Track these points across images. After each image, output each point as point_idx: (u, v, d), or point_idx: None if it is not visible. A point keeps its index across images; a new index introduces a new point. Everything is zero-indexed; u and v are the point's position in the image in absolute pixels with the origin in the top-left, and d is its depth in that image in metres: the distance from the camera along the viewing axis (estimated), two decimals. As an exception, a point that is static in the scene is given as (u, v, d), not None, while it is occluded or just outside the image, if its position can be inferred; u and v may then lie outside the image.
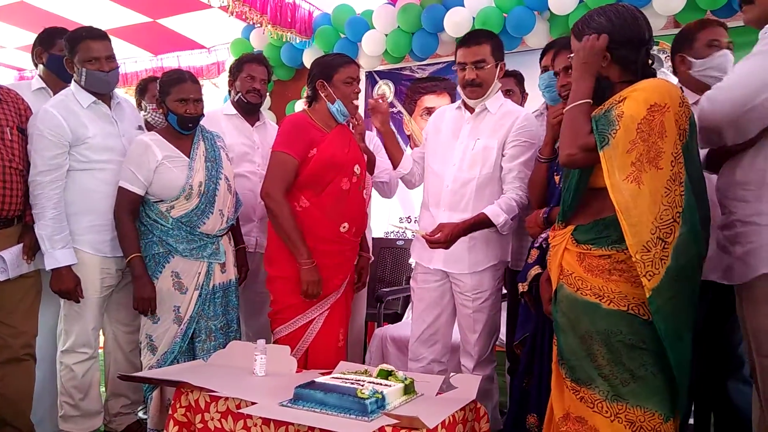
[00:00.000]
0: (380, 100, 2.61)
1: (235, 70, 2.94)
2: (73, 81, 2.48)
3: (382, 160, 2.80)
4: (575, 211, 1.73)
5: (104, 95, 2.50)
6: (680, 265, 1.54)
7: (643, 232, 1.52)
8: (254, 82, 2.88)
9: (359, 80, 2.50)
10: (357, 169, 2.46)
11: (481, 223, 2.29)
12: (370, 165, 2.80)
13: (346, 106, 2.44)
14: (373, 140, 3.03)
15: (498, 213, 2.29)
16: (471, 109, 2.45)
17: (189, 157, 2.46)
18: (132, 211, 2.42)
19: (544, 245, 2.04)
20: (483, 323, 2.41)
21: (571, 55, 1.73)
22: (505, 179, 2.37)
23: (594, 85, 1.67)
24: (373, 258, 2.80)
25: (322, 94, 2.44)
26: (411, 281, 2.57)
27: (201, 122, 2.52)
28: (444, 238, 2.24)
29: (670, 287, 1.53)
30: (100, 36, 2.44)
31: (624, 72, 1.67)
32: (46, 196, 2.32)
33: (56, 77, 2.62)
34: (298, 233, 2.33)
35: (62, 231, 2.35)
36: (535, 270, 2.04)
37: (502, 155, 2.36)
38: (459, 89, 2.49)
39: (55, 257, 2.33)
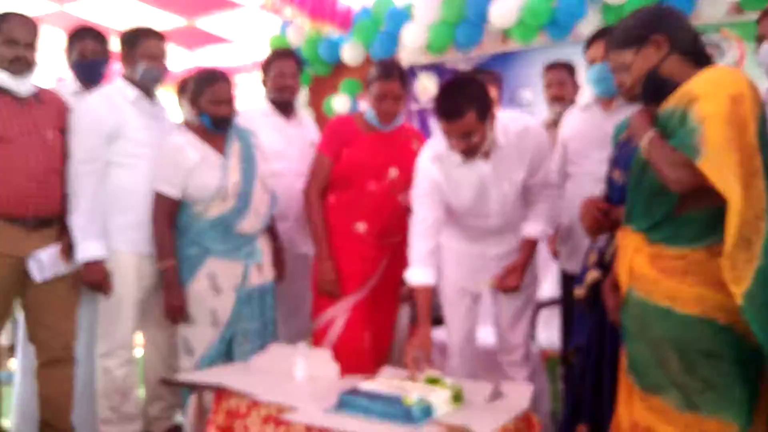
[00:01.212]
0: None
1: (266, 68, 2.93)
2: (119, 77, 2.51)
3: None
4: (645, 208, 1.63)
5: (149, 92, 2.52)
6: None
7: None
8: (285, 78, 2.85)
9: (396, 96, 2.43)
10: (393, 172, 2.46)
11: (534, 247, 2.30)
12: None
13: (377, 117, 2.47)
14: None
15: (545, 231, 2.32)
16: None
17: (224, 156, 2.43)
18: (169, 216, 2.40)
19: (604, 247, 1.94)
20: (530, 312, 2.42)
21: (623, 65, 1.65)
22: (532, 190, 2.30)
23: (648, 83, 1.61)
24: None
25: (366, 99, 2.54)
26: (443, 283, 2.44)
27: (237, 120, 2.51)
28: (519, 282, 2.24)
29: (762, 291, 1.41)
30: (160, 36, 2.54)
31: (686, 65, 1.59)
32: (82, 186, 2.32)
33: (87, 84, 2.65)
34: (321, 234, 2.47)
35: (96, 223, 2.34)
36: (594, 273, 1.93)
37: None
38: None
39: (86, 248, 2.32)
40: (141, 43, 2.45)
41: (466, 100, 2.02)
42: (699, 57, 1.61)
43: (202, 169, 2.37)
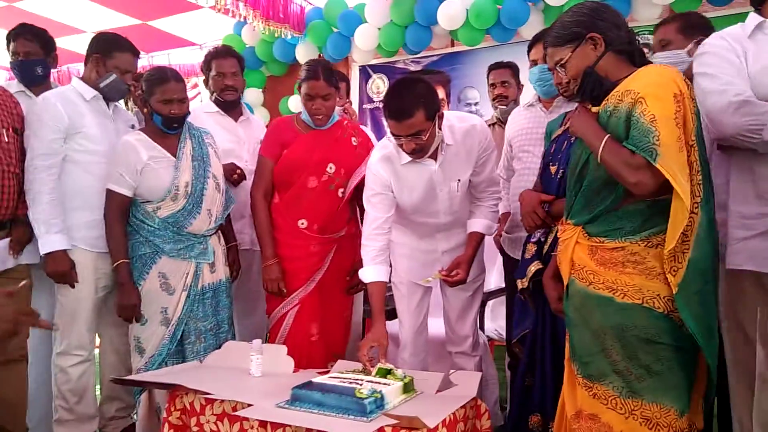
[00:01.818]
0: (351, 114, 2.73)
1: (206, 69, 2.89)
2: (75, 78, 2.50)
3: None
4: (585, 203, 1.67)
5: (108, 99, 2.52)
6: (701, 256, 1.50)
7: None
8: (225, 78, 2.81)
9: (323, 96, 2.46)
10: (331, 168, 2.51)
11: (480, 242, 2.37)
12: None
13: (310, 118, 2.52)
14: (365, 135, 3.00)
15: (490, 226, 2.38)
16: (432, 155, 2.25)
17: (175, 156, 2.43)
18: (122, 214, 2.40)
19: (542, 239, 2.01)
20: (477, 303, 2.49)
21: (559, 62, 1.68)
22: (478, 188, 2.37)
23: (586, 80, 1.64)
24: None
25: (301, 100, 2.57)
26: (395, 277, 2.50)
27: (189, 120, 2.51)
28: (465, 275, 2.28)
29: (694, 281, 1.49)
30: (137, 53, 2.56)
31: (622, 63, 1.63)
32: (43, 181, 2.30)
33: (31, 83, 2.64)
34: (266, 234, 2.51)
35: (58, 216, 2.33)
36: (535, 266, 1.99)
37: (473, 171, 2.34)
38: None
39: (50, 241, 2.30)
40: (116, 56, 2.47)
41: (415, 101, 2.05)
42: (634, 56, 1.65)
43: (153, 168, 2.37)
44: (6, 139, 2.26)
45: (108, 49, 2.47)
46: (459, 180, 2.29)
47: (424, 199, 2.30)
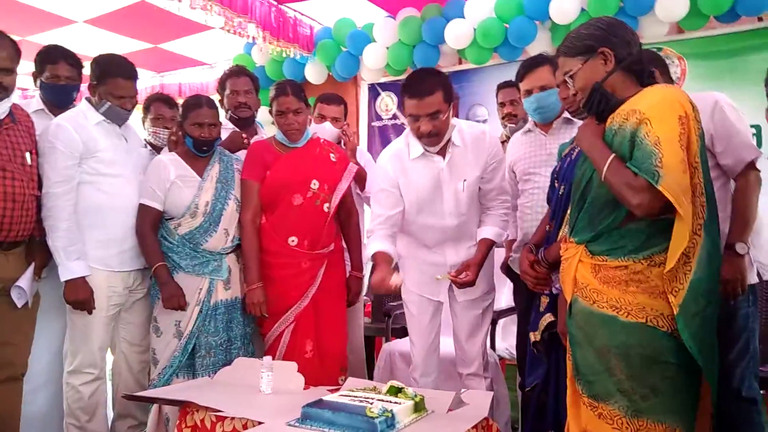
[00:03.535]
0: (350, 136, 2.86)
1: (221, 89, 2.99)
2: (85, 99, 2.52)
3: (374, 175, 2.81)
4: (588, 221, 1.68)
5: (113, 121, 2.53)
6: (704, 277, 1.50)
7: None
8: (239, 96, 2.93)
9: (296, 110, 2.53)
10: (315, 184, 2.55)
11: (490, 248, 2.39)
12: (361, 180, 2.82)
13: (284, 135, 2.57)
14: (364, 155, 3.04)
15: (500, 234, 2.42)
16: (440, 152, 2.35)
17: (202, 177, 2.52)
18: (153, 227, 2.50)
19: (555, 291, 2.02)
20: (487, 323, 2.50)
21: (568, 72, 1.69)
22: (488, 196, 2.43)
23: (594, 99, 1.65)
24: (362, 276, 2.79)
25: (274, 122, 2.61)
26: (405, 294, 2.52)
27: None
28: (474, 277, 2.29)
29: (695, 302, 1.49)
30: (131, 76, 2.52)
31: (629, 82, 1.64)
32: (60, 208, 2.33)
33: (54, 105, 2.64)
34: (252, 257, 2.51)
35: (76, 242, 2.36)
36: (548, 318, 2.00)
37: (481, 177, 2.40)
38: (410, 137, 2.35)
39: (70, 268, 2.33)
40: (108, 82, 2.46)
41: (435, 81, 2.22)
42: (643, 75, 1.66)
43: (178, 186, 2.49)
44: (29, 162, 2.29)
45: (100, 75, 2.47)
46: (465, 180, 2.34)
47: (429, 196, 2.36)
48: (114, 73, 2.47)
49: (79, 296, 2.34)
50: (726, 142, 2.03)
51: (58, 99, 2.64)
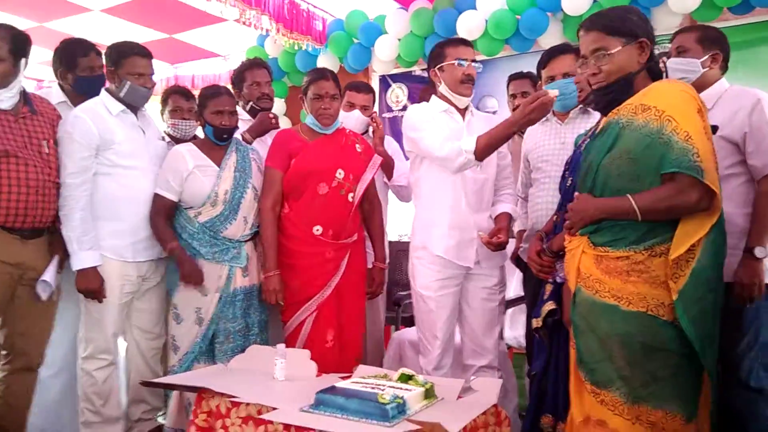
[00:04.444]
0: (379, 124, 2.88)
1: (238, 80, 3.00)
2: (104, 90, 2.54)
3: (401, 164, 2.86)
4: None
5: (134, 108, 2.56)
6: (707, 265, 1.52)
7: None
8: (261, 87, 2.95)
9: (333, 95, 2.56)
10: (340, 173, 2.56)
11: (508, 219, 2.53)
12: (388, 169, 2.83)
13: (317, 119, 2.57)
14: (392, 144, 3.05)
15: (514, 209, 2.57)
16: (460, 112, 2.51)
17: (219, 167, 2.55)
18: (166, 216, 2.54)
19: (558, 280, 2.04)
20: (501, 315, 2.55)
21: (602, 50, 1.63)
22: (501, 174, 2.58)
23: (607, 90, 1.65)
24: (386, 267, 2.82)
25: (304, 108, 2.63)
26: (422, 289, 2.51)
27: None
28: (506, 239, 2.41)
29: (696, 289, 1.51)
30: (147, 54, 2.54)
31: (648, 81, 1.64)
32: (76, 198, 2.37)
33: (84, 97, 2.62)
34: (270, 244, 2.52)
35: (89, 232, 2.39)
36: (550, 305, 2.02)
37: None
38: (446, 89, 2.49)
39: (81, 258, 2.37)
40: (126, 62, 2.48)
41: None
42: (657, 74, 1.66)
43: (197, 176, 2.52)
44: (47, 150, 2.34)
45: (116, 59, 2.49)
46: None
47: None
48: (131, 53, 2.50)
49: (90, 285, 2.38)
50: (759, 142, 2.03)
51: (96, 90, 2.59)
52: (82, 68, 2.65)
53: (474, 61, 2.46)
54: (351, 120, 2.90)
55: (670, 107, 1.52)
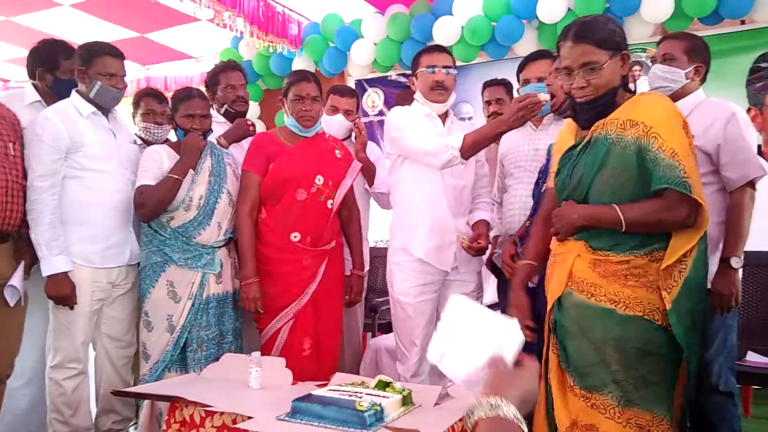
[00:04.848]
0: (361, 130, 2.86)
1: (212, 83, 2.96)
2: (74, 91, 2.49)
3: (383, 170, 2.86)
4: None
5: (104, 109, 2.51)
6: (697, 275, 1.55)
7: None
8: (236, 90, 2.92)
9: (314, 98, 2.53)
10: (319, 179, 2.53)
11: (486, 225, 2.55)
12: (369, 175, 2.82)
13: (298, 121, 2.53)
14: (373, 150, 3.04)
15: (492, 218, 2.59)
16: (440, 118, 2.53)
17: (194, 170, 2.50)
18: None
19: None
20: None
21: (592, 64, 1.59)
22: (478, 183, 2.60)
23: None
24: (364, 274, 2.79)
25: (284, 110, 2.60)
26: (400, 295, 2.51)
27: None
28: (487, 243, 2.45)
29: (688, 299, 1.54)
30: (118, 54, 2.50)
31: (624, 90, 1.66)
32: (44, 202, 2.32)
33: (60, 98, 2.57)
34: (248, 251, 2.47)
35: (59, 237, 2.34)
36: None
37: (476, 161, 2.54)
38: (420, 96, 2.53)
39: (52, 263, 2.31)
40: (96, 61, 2.43)
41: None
42: (627, 85, 1.67)
43: None
44: (12, 152, 2.28)
45: (87, 58, 2.45)
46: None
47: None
48: (102, 52, 2.45)
49: (61, 291, 2.33)
50: (734, 154, 2.08)
51: (62, 95, 2.53)
52: (63, 70, 2.59)
53: (449, 67, 2.47)
54: (334, 124, 2.89)
55: (657, 124, 1.53)
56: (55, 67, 2.59)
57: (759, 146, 3.44)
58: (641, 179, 1.57)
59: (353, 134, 2.94)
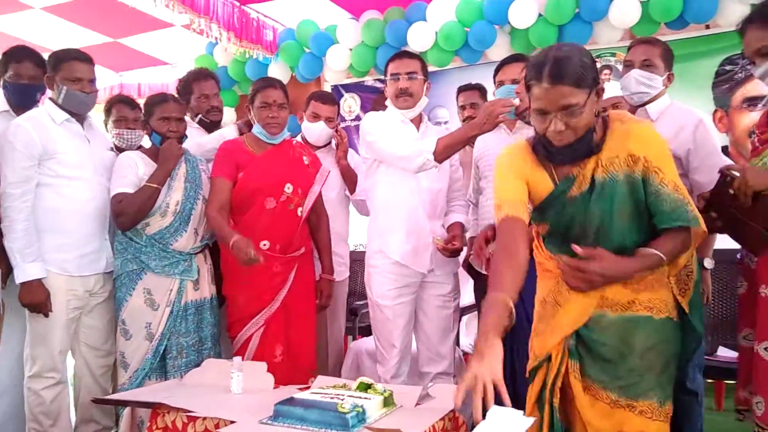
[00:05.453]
0: (343, 137, 2.90)
1: (185, 91, 2.94)
2: (47, 99, 2.48)
3: (362, 177, 2.87)
4: (609, 246, 1.61)
5: (78, 115, 2.49)
6: (697, 278, 1.66)
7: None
8: (210, 99, 2.91)
9: (281, 104, 2.52)
10: (288, 188, 2.53)
11: (461, 228, 2.60)
12: (351, 183, 2.84)
13: (264, 128, 2.53)
14: (354, 157, 3.06)
15: (467, 220, 2.63)
16: (414, 123, 2.58)
17: (170, 176, 2.48)
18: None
19: None
20: (456, 322, 2.59)
21: (575, 105, 1.48)
22: (453, 186, 2.65)
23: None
24: (334, 279, 2.79)
25: (250, 117, 2.59)
26: (378, 298, 2.54)
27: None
28: (461, 245, 2.48)
29: (697, 297, 1.65)
30: (86, 59, 2.47)
31: (600, 126, 1.61)
32: (17, 209, 2.30)
33: (14, 103, 2.57)
34: (224, 227, 2.41)
35: (33, 244, 2.32)
36: None
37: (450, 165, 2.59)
38: (389, 103, 2.59)
39: (25, 270, 2.29)
40: (63, 66, 2.41)
41: (416, 55, 2.66)
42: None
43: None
44: None
45: (54, 64, 2.43)
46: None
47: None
48: (68, 58, 2.43)
49: (35, 299, 2.31)
50: (703, 159, 2.15)
51: (21, 99, 2.58)
52: (10, 74, 2.58)
53: (413, 73, 2.50)
54: (315, 131, 2.90)
55: (656, 158, 1.54)
56: (4, 71, 2.59)
57: (724, 147, 3.55)
58: (649, 215, 1.59)
59: (333, 141, 2.96)
